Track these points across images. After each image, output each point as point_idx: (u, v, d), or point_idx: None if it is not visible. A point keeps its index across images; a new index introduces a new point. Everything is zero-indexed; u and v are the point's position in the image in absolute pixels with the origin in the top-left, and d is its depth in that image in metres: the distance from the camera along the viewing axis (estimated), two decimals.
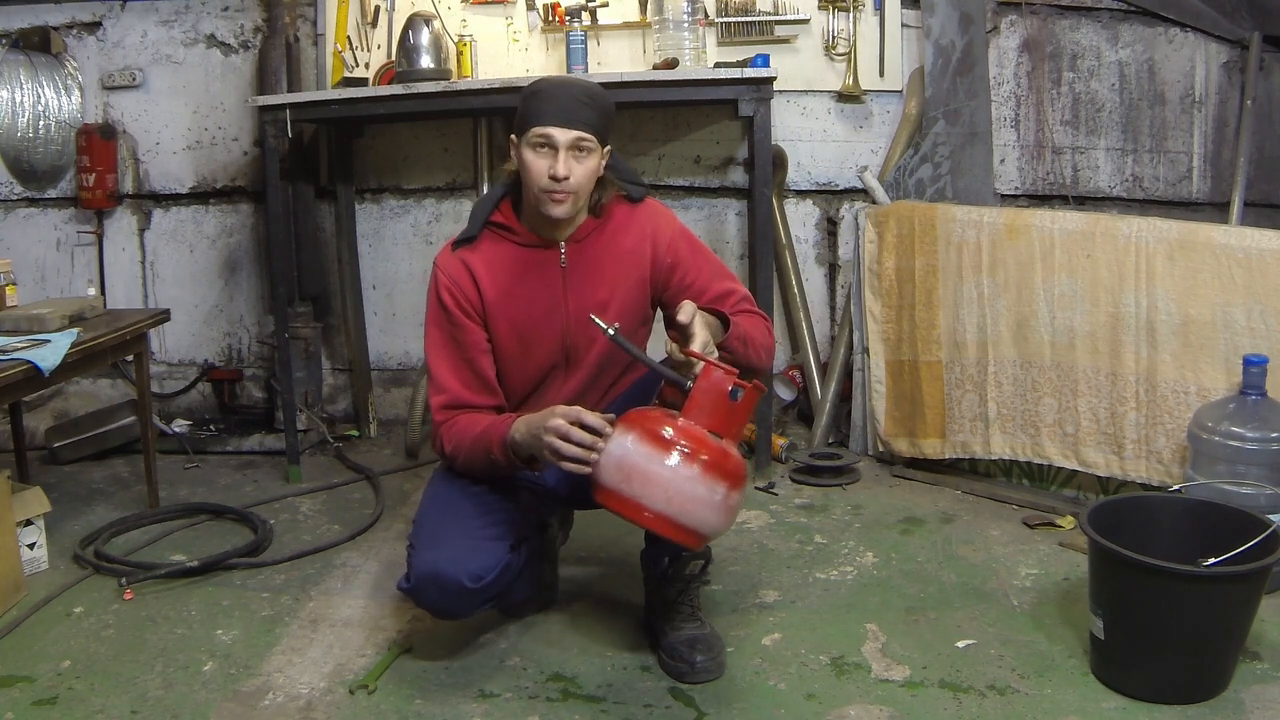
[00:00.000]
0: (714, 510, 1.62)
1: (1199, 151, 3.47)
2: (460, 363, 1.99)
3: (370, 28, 3.44)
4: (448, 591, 1.85)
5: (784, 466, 3.11)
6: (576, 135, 1.86)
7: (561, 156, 1.86)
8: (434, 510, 1.98)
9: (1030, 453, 2.76)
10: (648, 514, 1.60)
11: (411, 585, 1.89)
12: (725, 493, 1.62)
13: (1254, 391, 2.22)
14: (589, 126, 1.87)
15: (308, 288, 3.60)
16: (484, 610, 1.97)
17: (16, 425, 2.94)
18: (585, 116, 1.87)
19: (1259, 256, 2.34)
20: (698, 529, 1.63)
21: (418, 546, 1.91)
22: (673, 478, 1.59)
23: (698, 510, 1.61)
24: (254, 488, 3.11)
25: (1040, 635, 2.05)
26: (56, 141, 3.64)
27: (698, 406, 1.66)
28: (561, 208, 1.91)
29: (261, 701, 1.88)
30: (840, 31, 3.38)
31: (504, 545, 1.90)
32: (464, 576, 1.84)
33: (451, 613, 1.94)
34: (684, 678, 1.92)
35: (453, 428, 1.96)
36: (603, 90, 1.95)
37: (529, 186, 1.91)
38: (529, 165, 1.89)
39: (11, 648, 2.10)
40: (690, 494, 1.60)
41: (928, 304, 2.93)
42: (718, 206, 3.55)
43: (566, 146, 1.86)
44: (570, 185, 1.88)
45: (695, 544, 1.67)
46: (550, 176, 1.87)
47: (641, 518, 1.61)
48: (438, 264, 2.01)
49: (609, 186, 2.01)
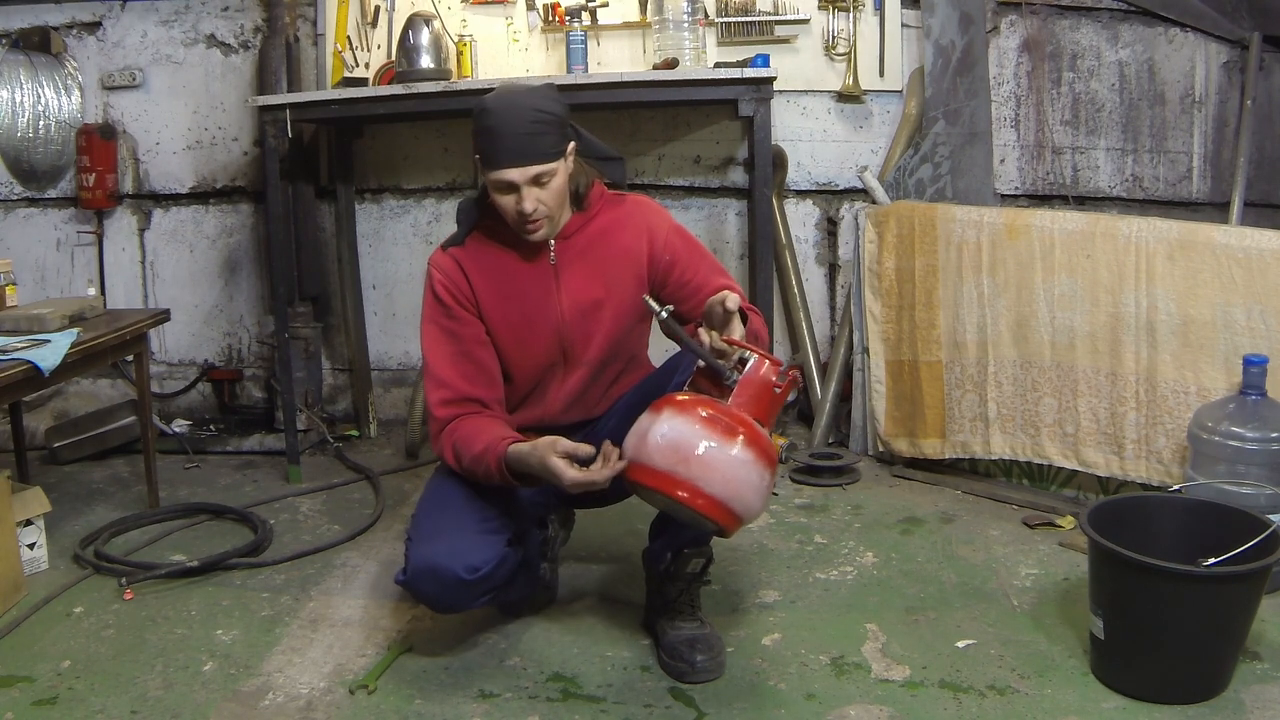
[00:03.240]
0: (760, 496, 1.67)
1: (1199, 151, 3.47)
2: (459, 355, 1.98)
3: (370, 28, 3.44)
4: (445, 583, 1.84)
5: (784, 466, 3.11)
6: (534, 172, 1.85)
7: (525, 194, 1.86)
8: (432, 505, 1.98)
9: (1030, 453, 2.76)
10: (702, 498, 1.62)
11: (408, 577, 1.88)
12: (771, 479, 1.67)
13: (1254, 391, 2.22)
14: (544, 157, 1.85)
15: (308, 288, 3.60)
16: (481, 604, 1.95)
17: (16, 425, 2.94)
18: (537, 148, 1.85)
19: (1259, 256, 2.34)
20: (743, 514, 1.66)
21: (415, 540, 1.91)
22: (731, 463, 1.62)
23: (748, 495, 1.64)
24: (254, 488, 3.11)
25: (1040, 635, 2.05)
26: (56, 141, 3.64)
27: (747, 394, 1.69)
28: (540, 233, 1.92)
29: (261, 701, 1.88)
30: (840, 31, 3.38)
31: (502, 539, 1.90)
32: (460, 568, 1.83)
33: (448, 605, 1.92)
34: (684, 678, 1.92)
35: (454, 435, 1.93)
36: (550, 97, 1.91)
37: (504, 215, 1.92)
38: (497, 201, 1.90)
39: (11, 648, 2.10)
40: (745, 479, 1.63)
41: (928, 304, 2.93)
42: (718, 206, 3.55)
43: (526, 183, 1.86)
44: (541, 213, 1.88)
45: (733, 527, 1.68)
46: (518, 213, 1.88)
47: (695, 501, 1.62)
48: (432, 263, 2.02)
49: (583, 174, 2.01)
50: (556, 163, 1.88)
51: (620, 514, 2.60)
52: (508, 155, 1.84)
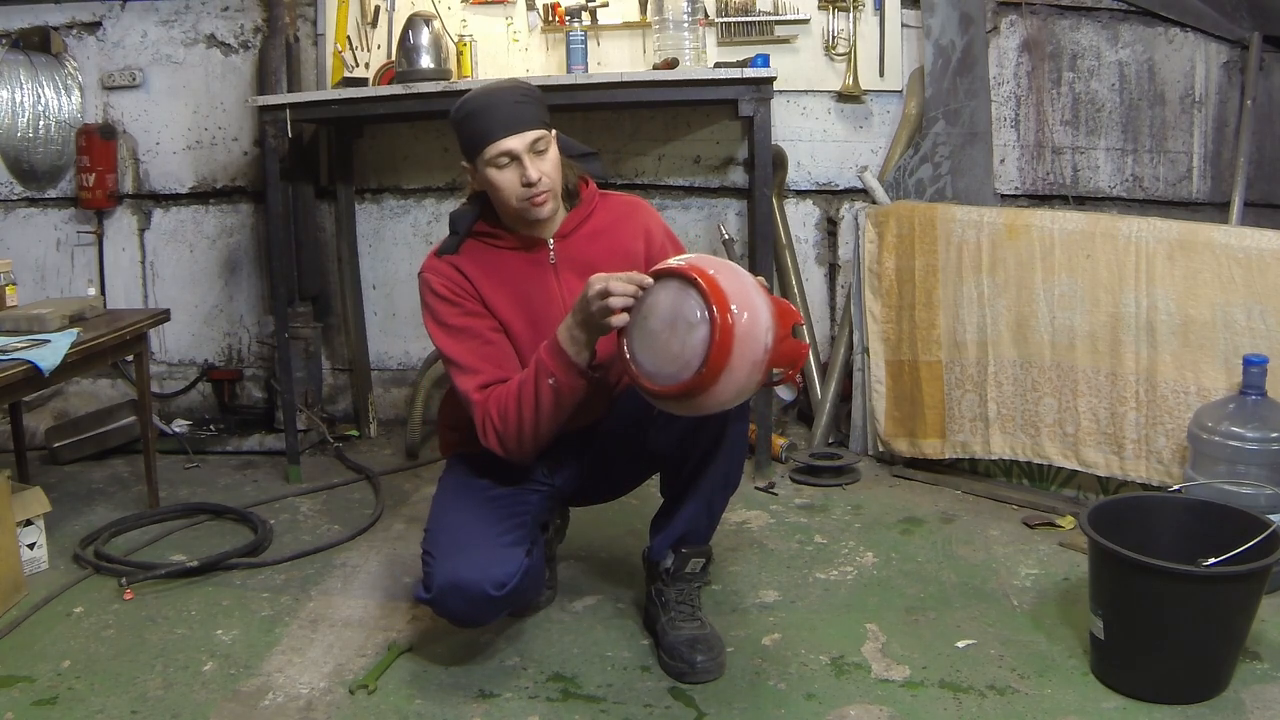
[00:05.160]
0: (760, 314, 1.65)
1: (1199, 151, 3.47)
2: (479, 344, 1.94)
3: (370, 28, 3.44)
4: (473, 600, 1.82)
5: (784, 466, 3.11)
6: (532, 137, 1.86)
7: (527, 162, 1.86)
8: (448, 516, 1.95)
9: (1030, 453, 2.76)
10: (714, 286, 1.62)
11: (433, 596, 1.84)
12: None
13: (1254, 391, 2.22)
14: (537, 122, 1.88)
15: (308, 288, 3.60)
16: (503, 616, 1.95)
17: (16, 425, 2.94)
18: (529, 115, 1.87)
19: (1259, 256, 2.34)
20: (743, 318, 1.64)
21: (436, 555, 1.87)
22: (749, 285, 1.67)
23: (754, 299, 1.65)
24: (254, 488, 3.11)
25: (1040, 635, 2.05)
26: (56, 141, 3.64)
27: None
28: (546, 207, 1.91)
29: (261, 701, 1.88)
30: (840, 31, 3.38)
31: (521, 550, 1.89)
32: (488, 584, 1.81)
33: (475, 621, 1.91)
34: (684, 678, 1.91)
35: (489, 401, 1.87)
36: (526, 81, 1.99)
37: (506, 203, 1.91)
38: (499, 184, 1.88)
39: (11, 648, 2.10)
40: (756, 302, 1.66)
41: (928, 304, 2.93)
42: (718, 206, 3.55)
43: (526, 150, 1.86)
44: (545, 184, 1.88)
45: (730, 323, 1.62)
46: (524, 184, 1.87)
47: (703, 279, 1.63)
48: (426, 270, 1.98)
49: (569, 169, 2.01)
50: (549, 132, 1.91)
51: (620, 514, 2.61)
52: (503, 126, 1.85)
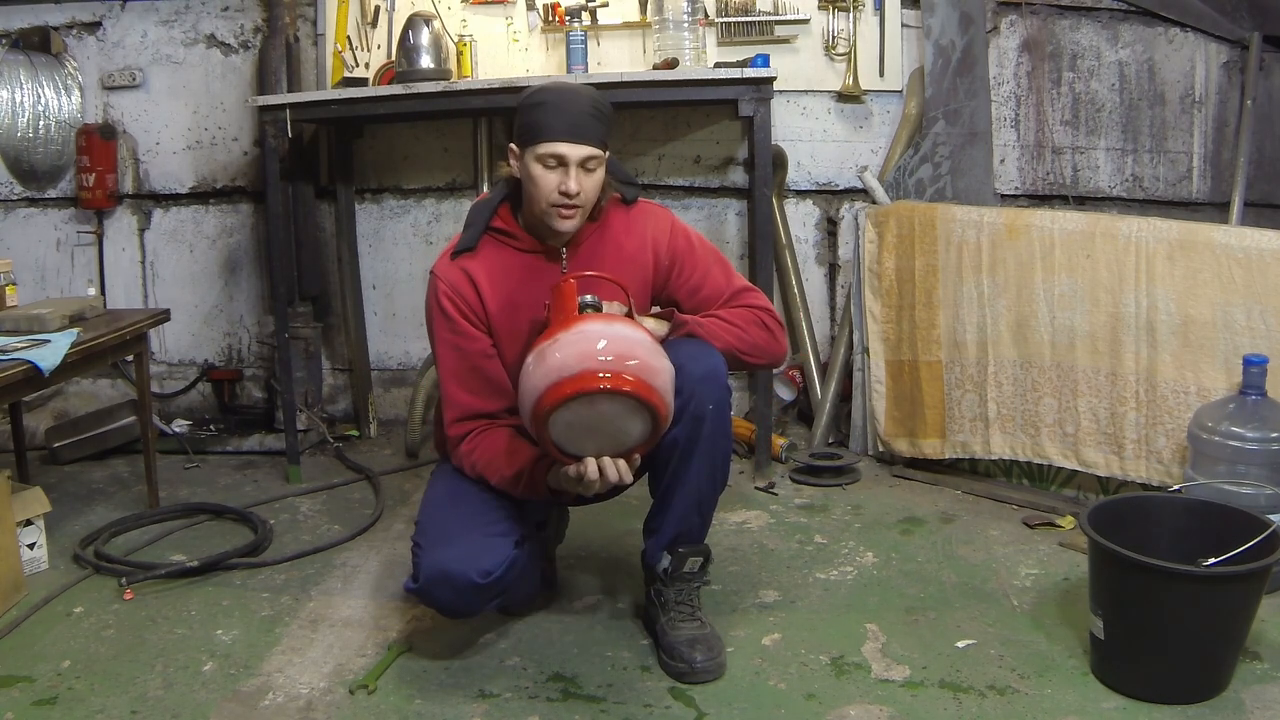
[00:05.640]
0: None
1: (1199, 151, 3.47)
2: (466, 371, 1.97)
3: (370, 28, 3.44)
4: (459, 588, 1.85)
5: (784, 466, 3.11)
6: (588, 153, 1.85)
7: (573, 173, 1.85)
8: (438, 509, 1.98)
9: (1030, 453, 2.76)
10: None
11: (420, 585, 1.88)
12: None
13: (1254, 391, 2.22)
14: (598, 142, 1.87)
15: (308, 288, 3.60)
16: (492, 607, 1.96)
17: (16, 425, 2.94)
18: (595, 132, 1.86)
19: (1259, 256, 2.34)
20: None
21: (424, 546, 1.90)
22: None
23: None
24: (254, 488, 3.11)
25: (1040, 635, 2.05)
26: (56, 141, 3.64)
27: None
28: (570, 222, 1.91)
29: (261, 701, 1.88)
30: (840, 31, 3.38)
31: (510, 541, 1.90)
32: (474, 573, 1.83)
33: (462, 610, 1.93)
34: (684, 678, 1.92)
35: (471, 458, 1.95)
36: (604, 96, 1.93)
37: (536, 200, 1.90)
38: (537, 180, 1.87)
39: (11, 648, 2.10)
40: None
41: (928, 304, 2.93)
42: (718, 206, 3.55)
43: (577, 163, 1.85)
44: (580, 200, 1.88)
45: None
46: (561, 192, 1.86)
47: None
48: (437, 273, 1.98)
49: (607, 190, 2.00)
50: (604, 154, 1.90)
51: (620, 514, 2.61)
52: (568, 130, 1.84)
